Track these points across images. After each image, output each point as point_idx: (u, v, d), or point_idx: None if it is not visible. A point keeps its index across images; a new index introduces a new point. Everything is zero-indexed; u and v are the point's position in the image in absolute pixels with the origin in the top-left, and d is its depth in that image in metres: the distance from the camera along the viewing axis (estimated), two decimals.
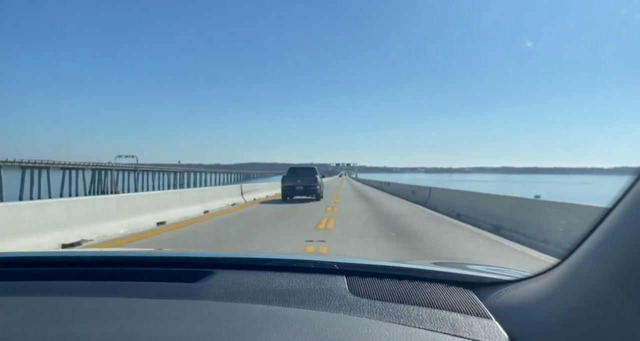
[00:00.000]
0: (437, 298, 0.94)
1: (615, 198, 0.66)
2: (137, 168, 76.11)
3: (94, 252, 1.53)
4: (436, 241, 7.92)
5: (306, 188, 19.26)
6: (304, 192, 19.30)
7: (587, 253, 0.68)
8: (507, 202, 9.88)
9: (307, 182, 19.36)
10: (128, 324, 0.83)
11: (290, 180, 19.52)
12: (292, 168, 21.01)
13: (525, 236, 8.04)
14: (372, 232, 9.17)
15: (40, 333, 0.80)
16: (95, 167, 63.87)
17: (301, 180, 19.37)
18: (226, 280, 1.05)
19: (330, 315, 0.86)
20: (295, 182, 19.37)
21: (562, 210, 7.37)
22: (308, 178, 19.46)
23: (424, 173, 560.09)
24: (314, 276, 1.07)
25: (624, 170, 28.89)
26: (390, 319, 0.85)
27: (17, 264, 1.26)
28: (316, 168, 21.13)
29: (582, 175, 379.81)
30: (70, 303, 0.94)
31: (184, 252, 1.56)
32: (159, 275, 1.12)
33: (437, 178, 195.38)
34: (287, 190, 19.45)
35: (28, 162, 53.60)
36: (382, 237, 8.45)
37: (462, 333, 0.80)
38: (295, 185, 19.29)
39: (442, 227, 10.25)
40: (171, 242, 8.02)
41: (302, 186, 19.24)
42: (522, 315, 0.79)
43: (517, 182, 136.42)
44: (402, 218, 12.09)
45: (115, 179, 67.00)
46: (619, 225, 0.63)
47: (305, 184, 19.28)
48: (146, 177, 79.45)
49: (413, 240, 8.10)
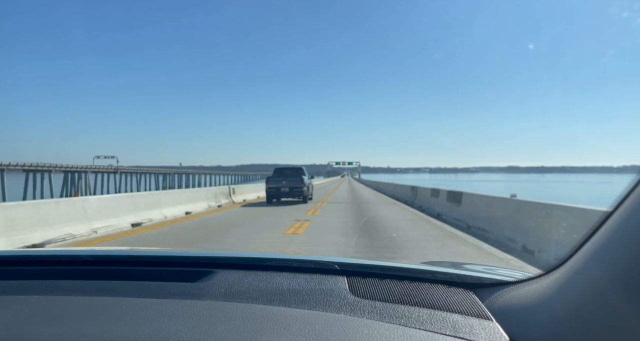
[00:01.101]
0: (437, 299, 0.95)
1: (616, 200, 0.66)
2: (118, 170, 73.81)
3: (94, 251, 1.54)
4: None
5: (292, 190, 18.35)
6: (289, 193, 18.41)
7: (588, 255, 0.69)
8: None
9: (293, 183, 18.45)
10: (128, 324, 0.83)
11: (275, 182, 18.65)
12: (278, 168, 20.13)
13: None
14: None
15: (39, 332, 0.81)
16: (67, 169, 61.89)
17: (287, 182, 18.50)
18: (227, 279, 1.06)
19: (331, 316, 0.87)
20: (280, 183, 18.49)
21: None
22: (294, 180, 18.59)
23: (428, 173, 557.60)
24: (314, 276, 1.08)
25: (634, 168, 28.03)
26: (391, 320, 0.86)
27: (16, 263, 1.26)
28: (304, 169, 20.19)
29: (591, 174, 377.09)
30: (70, 302, 0.95)
31: (184, 252, 1.52)
32: (160, 274, 1.12)
33: (443, 179, 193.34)
34: (271, 192, 18.59)
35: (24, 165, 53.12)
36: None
37: (462, 334, 0.80)
38: (280, 186, 18.41)
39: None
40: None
41: (287, 187, 18.33)
42: (522, 316, 0.80)
43: (533, 181, 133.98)
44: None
45: (89, 182, 64.55)
46: (621, 227, 0.63)
47: (291, 186, 18.37)
48: (129, 179, 77.64)
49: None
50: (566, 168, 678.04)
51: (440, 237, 8.81)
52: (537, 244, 6.75)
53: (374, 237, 8.43)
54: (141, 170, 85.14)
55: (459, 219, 10.98)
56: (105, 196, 11.13)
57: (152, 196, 12.72)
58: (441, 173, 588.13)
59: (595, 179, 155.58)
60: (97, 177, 69.80)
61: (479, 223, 9.53)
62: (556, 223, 6.52)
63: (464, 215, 10.79)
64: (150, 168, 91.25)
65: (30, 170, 54.01)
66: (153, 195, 12.89)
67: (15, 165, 51.38)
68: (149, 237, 8.73)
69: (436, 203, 14.45)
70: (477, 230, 9.40)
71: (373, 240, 8.03)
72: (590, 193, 55.60)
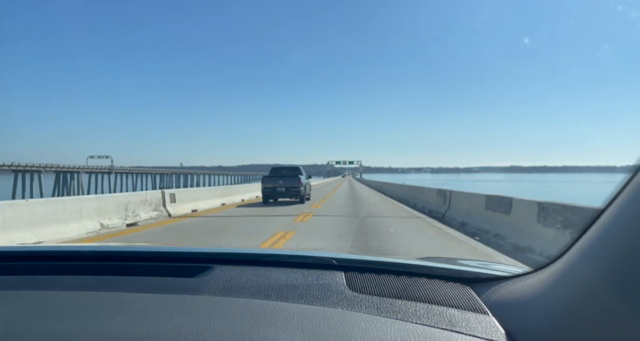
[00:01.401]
0: (434, 294, 0.96)
1: (609, 197, 0.67)
2: (112, 170, 72.62)
3: (93, 247, 1.56)
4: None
5: (288, 190, 17.35)
6: (286, 193, 17.43)
7: (582, 251, 0.70)
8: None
9: (290, 183, 17.45)
10: (127, 319, 0.84)
11: (271, 181, 17.66)
12: (275, 167, 19.21)
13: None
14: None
15: (39, 327, 0.82)
16: (59, 169, 60.75)
17: (283, 181, 17.48)
18: (225, 275, 1.06)
19: (328, 310, 0.88)
20: (276, 183, 17.49)
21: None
22: (291, 179, 17.60)
23: (430, 173, 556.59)
24: (312, 271, 1.09)
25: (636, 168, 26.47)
26: (388, 314, 0.87)
27: (17, 258, 1.27)
28: (301, 168, 19.20)
29: (595, 173, 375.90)
30: (69, 297, 0.96)
31: (182, 247, 1.49)
32: (158, 270, 1.13)
33: (445, 179, 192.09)
34: (267, 192, 17.57)
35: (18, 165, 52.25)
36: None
37: (459, 329, 0.81)
38: (276, 186, 17.39)
39: None
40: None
41: (284, 187, 17.33)
42: (518, 311, 0.81)
43: (539, 181, 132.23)
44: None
45: (82, 183, 63.51)
46: (612, 224, 0.65)
47: (288, 185, 17.38)
48: (124, 179, 76.43)
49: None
50: (569, 167, 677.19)
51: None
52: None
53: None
54: (137, 170, 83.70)
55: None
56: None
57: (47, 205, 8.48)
58: (443, 173, 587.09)
59: (601, 179, 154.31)
60: (91, 177, 68.62)
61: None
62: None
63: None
64: (148, 169, 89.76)
65: (19, 170, 52.79)
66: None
67: (2, 165, 50.25)
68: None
69: (505, 222, 7.88)
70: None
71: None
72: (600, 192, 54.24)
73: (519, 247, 6.83)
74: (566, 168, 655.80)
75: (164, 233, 9.50)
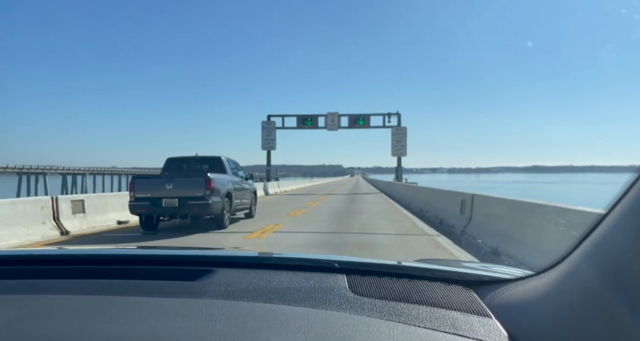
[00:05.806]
0: (437, 297, 0.98)
1: (612, 201, 0.69)
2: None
3: (92, 250, 1.59)
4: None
5: (184, 205, 9.50)
6: (177, 210, 9.60)
7: (585, 253, 0.72)
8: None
9: (188, 188, 9.61)
10: (128, 322, 0.86)
11: (149, 186, 9.80)
12: (171, 159, 11.58)
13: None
14: None
15: (38, 331, 0.84)
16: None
17: (174, 186, 9.62)
18: (226, 278, 1.09)
19: (331, 314, 0.91)
20: (161, 188, 9.64)
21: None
22: (192, 182, 9.71)
23: (447, 173, 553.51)
24: (314, 274, 1.12)
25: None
26: (391, 317, 0.89)
27: (15, 262, 1.31)
28: (224, 160, 11.44)
29: (627, 173, 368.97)
30: (69, 301, 0.98)
31: (184, 251, 1.55)
32: (159, 273, 1.16)
33: (463, 179, 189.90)
34: (142, 208, 9.66)
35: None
36: None
37: (462, 332, 0.84)
38: (160, 196, 9.57)
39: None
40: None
41: (175, 198, 9.52)
42: (521, 314, 0.84)
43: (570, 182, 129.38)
44: None
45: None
46: (617, 226, 0.67)
47: (182, 194, 9.55)
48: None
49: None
50: (597, 167, 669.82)
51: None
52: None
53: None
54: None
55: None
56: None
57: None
58: (460, 173, 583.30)
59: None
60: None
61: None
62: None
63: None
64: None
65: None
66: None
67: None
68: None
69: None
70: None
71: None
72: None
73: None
74: (594, 168, 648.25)
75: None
